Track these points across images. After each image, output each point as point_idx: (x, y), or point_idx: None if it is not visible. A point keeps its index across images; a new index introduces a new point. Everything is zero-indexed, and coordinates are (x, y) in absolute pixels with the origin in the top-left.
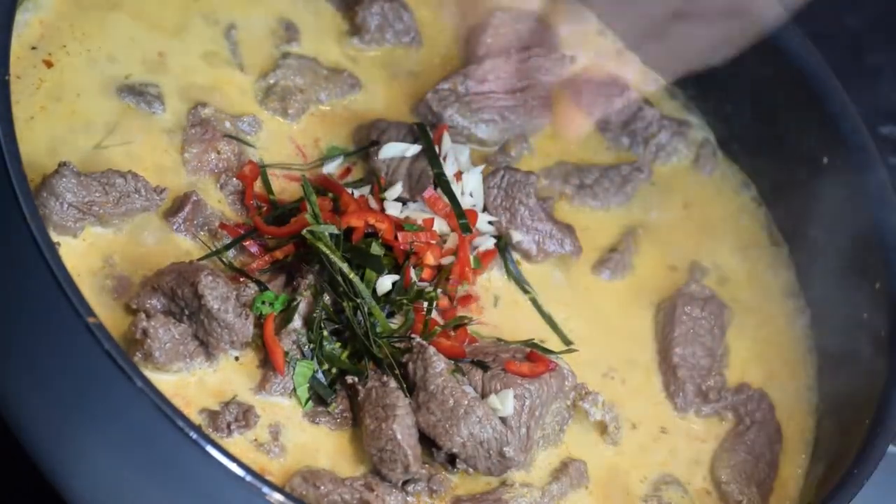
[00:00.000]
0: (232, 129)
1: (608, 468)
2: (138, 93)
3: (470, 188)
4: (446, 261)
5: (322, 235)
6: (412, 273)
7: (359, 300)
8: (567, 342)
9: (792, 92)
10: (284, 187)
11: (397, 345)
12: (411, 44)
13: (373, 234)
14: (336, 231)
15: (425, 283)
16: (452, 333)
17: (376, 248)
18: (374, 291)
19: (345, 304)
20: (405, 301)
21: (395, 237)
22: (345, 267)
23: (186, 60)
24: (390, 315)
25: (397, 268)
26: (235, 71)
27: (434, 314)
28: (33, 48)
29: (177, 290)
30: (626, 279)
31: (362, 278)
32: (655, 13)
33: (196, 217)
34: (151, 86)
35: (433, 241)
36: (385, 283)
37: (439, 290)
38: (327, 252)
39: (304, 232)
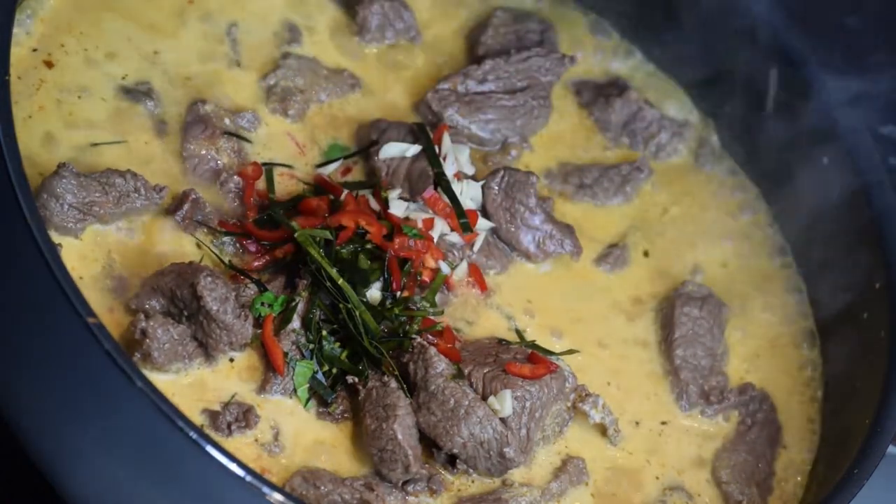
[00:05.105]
0: (231, 125)
1: (611, 467)
2: (137, 91)
3: (470, 196)
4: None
5: (307, 240)
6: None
7: (349, 305)
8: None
9: (792, 92)
10: (286, 186)
11: (392, 347)
12: (412, 43)
13: (363, 236)
14: (328, 236)
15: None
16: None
17: (363, 262)
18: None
19: (340, 305)
20: (396, 312)
21: (391, 239)
22: (333, 273)
23: (185, 59)
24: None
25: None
26: (235, 69)
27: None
28: (34, 50)
29: (176, 290)
30: (626, 278)
31: (353, 284)
32: None
33: (195, 215)
34: (150, 84)
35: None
36: (375, 293)
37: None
38: (317, 259)
39: (296, 235)
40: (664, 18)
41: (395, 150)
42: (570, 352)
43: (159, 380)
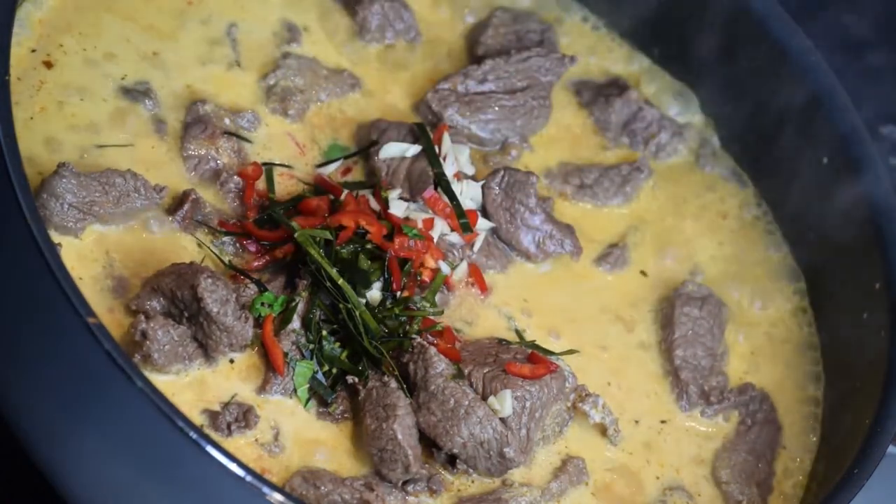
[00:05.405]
0: (231, 125)
1: (611, 467)
2: (136, 91)
3: (470, 196)
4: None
5: (307, 240)
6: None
7: (349, 305)
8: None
9: (792, 92)
10: (286, 186)
11: (392, 347)
12: (412, 43)
13: (363, 236)
14: (328, 237)
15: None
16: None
17: (363, 262)
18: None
19: (340, 305)
20: (397, 311)
21: (391, 239)
22: (333, 273)
23: (185, 59)
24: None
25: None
26: (235, 69)
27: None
28: (33, 50)
29: (176, 291)
30: (626, 279)
31: (353, 284)
32: None
33: (195, 215)
34: (149, 84)
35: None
36: (375, 293)
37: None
38: (317, 259)
39: (296, 235)
40: (664, 18)
41: (395, 150)
42: (570, 352)
43: (159, 380)
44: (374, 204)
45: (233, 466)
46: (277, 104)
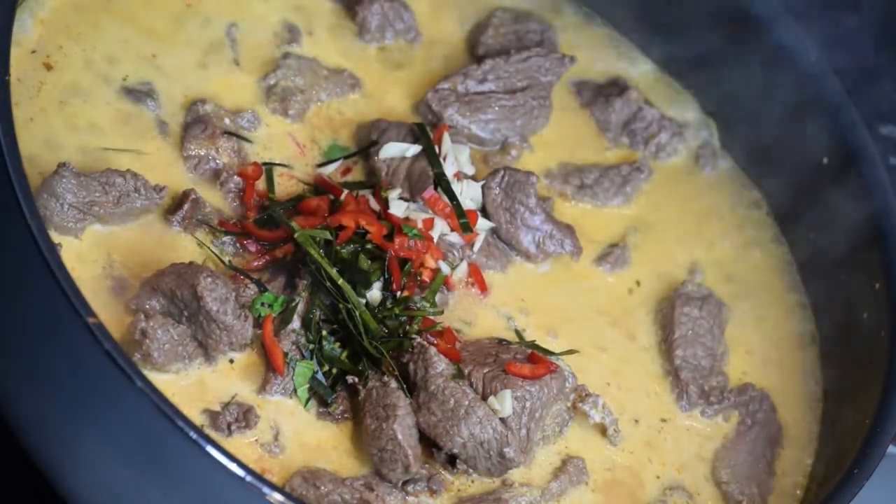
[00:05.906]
0: (231, 125)
1: (611, 467)
2: (138, 91)
3: (470, 196)
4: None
5: (307, 240)
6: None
7: (349, 305)
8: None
9: (792, 92)
10: (286, 186)
11: (392, 347)
12: (412, 43)
13: (363, 236)
14: (328, 237)
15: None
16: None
17: (363, 262)
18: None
19: (340, 305)
20: (397, 311)
21: (391, 239)
22: (333, 273)
23: (184, 59)
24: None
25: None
26: (235, 69)
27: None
28: (33, 52)
29: (176, 291)
30: (626, 279)
31: (353, 284)
32: None
33: (195, 215)
34: (151, 84)
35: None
36: (375, 293)
37: (427, 304)
38: (317, 259)
39: (296, 235)
40: (664, 18)
41: (395, 150)
42: (570, 352)
43: (159, 380)
44: (374, 204)
45: (233, 466)
46: (277, 104)
